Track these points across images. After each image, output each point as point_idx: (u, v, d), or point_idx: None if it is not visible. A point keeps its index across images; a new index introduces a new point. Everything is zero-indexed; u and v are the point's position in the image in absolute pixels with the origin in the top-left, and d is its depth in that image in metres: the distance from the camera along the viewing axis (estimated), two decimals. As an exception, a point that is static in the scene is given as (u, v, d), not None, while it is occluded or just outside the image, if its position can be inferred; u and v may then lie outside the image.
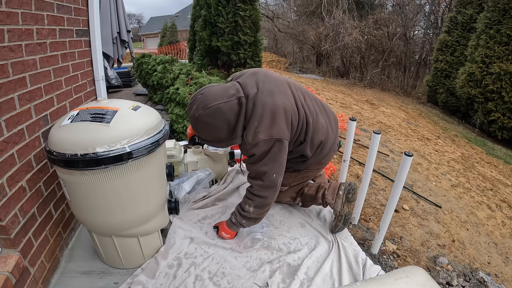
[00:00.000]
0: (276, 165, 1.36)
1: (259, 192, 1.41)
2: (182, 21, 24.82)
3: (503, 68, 5.69)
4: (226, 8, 3.43)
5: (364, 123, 4.64)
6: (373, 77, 10.85)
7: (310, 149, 1.49)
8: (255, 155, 1.35)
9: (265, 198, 1.42)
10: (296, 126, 1.39)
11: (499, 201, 2.94)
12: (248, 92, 1.34)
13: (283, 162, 1.38)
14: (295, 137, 1.42)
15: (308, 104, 1.47)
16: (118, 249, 1.34)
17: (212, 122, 1.30)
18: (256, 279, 1.37)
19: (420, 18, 11.60)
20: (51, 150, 1.09)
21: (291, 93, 1.43)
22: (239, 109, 1.32)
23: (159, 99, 3.77)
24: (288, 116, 1.34)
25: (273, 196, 1.43)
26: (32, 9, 1.22)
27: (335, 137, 1.60)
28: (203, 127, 1.34)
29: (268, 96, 1.33)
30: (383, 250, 1.82)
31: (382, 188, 2.61)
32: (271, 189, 1.40)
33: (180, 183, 1.86)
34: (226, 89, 1.34)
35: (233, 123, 1.33)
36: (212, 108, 1.28)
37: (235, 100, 1.31)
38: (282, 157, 1.36)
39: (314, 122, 1.45)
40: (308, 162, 1.57)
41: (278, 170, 1.38)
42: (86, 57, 1.77)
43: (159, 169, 1.33)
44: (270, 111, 1.30)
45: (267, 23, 13.12)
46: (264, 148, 1.32)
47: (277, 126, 1.31)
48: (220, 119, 1.30)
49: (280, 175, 1.40)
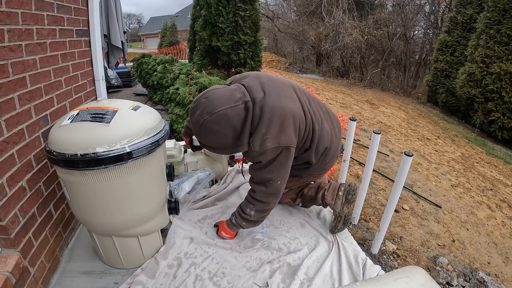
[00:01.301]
0: (282, 173, 1.33)
1: (262, 198, 1.39)
2: (182, 21, 24.82)
3: (503, 68, 5.70)
4: (227, 8, 3.43)
5: (364, 123, 4.64)
6: (373, 77, 10.86)
7: (315, 156, 1.46)
8: (261, 162, 1.31)
9: (267, 203, 1.41)
10: (304, 133, 1.35)
11: (499, 201, 2.94)
12: (255, 96, 1.26)
13: (289, 169, 1.36)
14: (301, 144, 1.39)
15: (314, 110, 1.43)
16: (118, 249, 1.34)
17: (217, 128, 1.22)
18: (256, 279, 1.37)
19: (420, 18, 11.61)
20: (51, 150, 1.09)
21: (297, 98, 1.38)
22: (246, 114, 1.25)
23: (159, 99, 3.78)
24: (297, 123, 1.30)
25: (275, 202, 1.42)
26: (32, 9, 1.22)
27: (339, 142, 1.57)
28: (207, 133, 1.25)
29: (276, 101, 1.27)
30: (383, 250, 1.82)
31: (382, 188, 2.61)
32: (274, 196, 1.39)
33: (180, 183, 1.86)
34: (231, 92, 1.25)
35: (239, 130, 1.26)
36: (217, 113, 1.19)
37: (241, 105, 1.23)
38: (288, 164, 1.33)
39: (319, 128, 1.41)
40: (311, 168, 1.55)
41: (283, 177, 1.35)
42: (86, 57, 1.77)
43: (159, 169, 1.33)
44: (279, 117, 1.25)
45: (267, 23, 13.12)
46: (271, 156, 1.28)
47: (285, 134, 1.26)
48: (226, 126, 1.22)
49: (284, 182, 1.38)
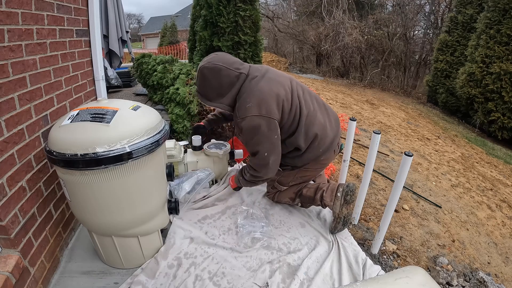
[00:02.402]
0: (268, 145, 1.48)
1: (254, 166, 1.60)
2: (182, 21, 24.80)
3: (503, 68, 5.69)
4: (227, 8, 3.42)
5: (364, 123, 4.64)
6: (373, 77, 10.86)
7: (304, 141, 1.54)
8: (243, 129, 1.47)
9: (258, 172, 1.59)
10: (288, 112, 1.49)
11: (499, 201, 2.94)
12: (251, 74, 1.52)
13: (275, 142, 1.49)
14: (287, 123, 1.52)
15: (306, 98, 1.57)
16: (118, 249, 1.34)
17: (208, 77, 1.48)
18: (256, 279, 1.37)
19: (420, 18, 11.60)
20: (51, 150, 1.09)
21: (290, 85, 1.55)
22: (235, 81, 1.49)
23: (159, 99, 3.77)
24: (280, 101, 1.46)
25: (265, 172, 1.57)
26: (32, 9, 1.22)
27: (335, 136, 1.63)
28: (199, 76, 1.52)
29: (266, 82, 1.49)
30: (383, 250, 1.82)
31: (382, 188, 2.61)
32: (263, 166, 1.55)
33: (180, 183, 1.86)
34: (235, 61, 1.53)
35: (225, 89, 1.50)
36: (214, 66, 1.46)
37: (236, 72, 1.49)
38: (273, 137, 1.47)
39: (309, 114, 1.53)
40: (305, 157, 1.60)
41: (270, 149, 1.49)
42: (86, 57, 1.77)
43: (159, 169, 1.33)
44: (264, 93, 1.45)
45: (267, 23, 13.11)
46: (252, 123, 1.43)
47: (267, 106, 1.43)
48: (215, 79, 1.48)
49: (272, 154, 1.51)
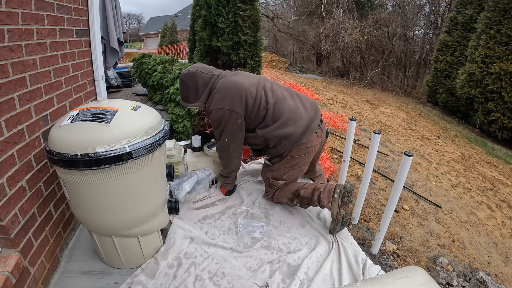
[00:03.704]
0: (228, 134, 1.69)
1: (219, 154, 1.83)
2: (182, 21, 24.80)
3: (503, 68, 5.69)
4: (227, 8, 3.42)
5: (364, 123, 4.64)
6: (373, 77, 10.86)
7: (273, 125, 1.67)
8: (211, 120, 1.70)
9: (222, 158, 1.83)
10: (253, 103, 1.66)
11: (499, 201, 2.94)
12: (222, 75, 1.77)
13: (235, 132, 1.68)
14: (254, 112, 1.68)
15: (274, 89, 1.75)
16: (118, 249, 1.34)
17: (185, 81, 1.75)
18: (256, 279, 1.37)
19: (420, 18, 11.59)
20: (51, 150, 1.09)
21: (257, 81, 1.74)
22: (208, 82, 1.74)
23: (159, 99, 3.77)
24: (243, 95, 1.64)
25: (228, 158, 1.79)
26: (32, 9, 1.22)
27: (311, 118, 1.71)
28: (180, 83, 1.79)
29: (231, 80, 1.70)
30: (383, 250, 1.82)
31: (382, 188, 2.61)
32: (224, 151, 1.77)
33: (180, 183, 1.86)
34: (210, 68, 1.80)
35: (200, 90, 1.74)
36: (190, 71, 1.74)
37: (209, 75, 1.75)
38: (233, 126, 1.66)
39: (277, 101, 1.69)
40: (284, 143, 1.67)
41: (230, 136, 1.69)
42: (86, 57, 1.77)
43: (159, 169, 1.33)
44: (228, 89, 1.65)
45: (267, 23, 13.11)
46: (216, 115, 1.65)
47: (230, 101, 1.63)
48: (192, 82, 1.73)
49: (232, 141, 1.71)
